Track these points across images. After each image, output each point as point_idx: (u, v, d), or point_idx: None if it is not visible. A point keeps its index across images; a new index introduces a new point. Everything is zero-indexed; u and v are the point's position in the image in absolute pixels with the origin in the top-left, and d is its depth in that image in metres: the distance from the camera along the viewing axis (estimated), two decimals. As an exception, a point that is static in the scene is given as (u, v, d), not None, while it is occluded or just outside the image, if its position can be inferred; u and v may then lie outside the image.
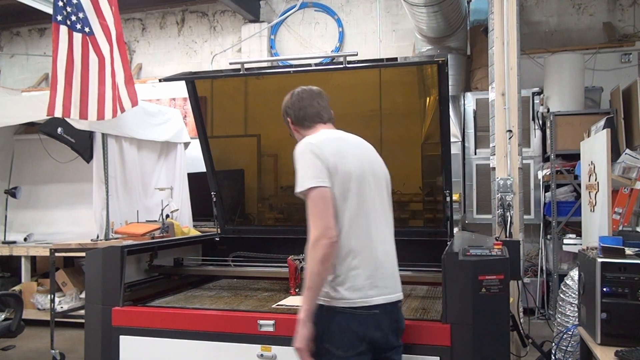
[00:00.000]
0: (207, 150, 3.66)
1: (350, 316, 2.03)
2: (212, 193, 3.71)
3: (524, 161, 4.59)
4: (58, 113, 4.85)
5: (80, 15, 4.93)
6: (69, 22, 4.87)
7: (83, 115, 4.97)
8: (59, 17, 4.84)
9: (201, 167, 3.83)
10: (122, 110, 5.21)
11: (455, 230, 5.85)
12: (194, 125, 3.68)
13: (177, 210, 6.09)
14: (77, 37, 4.94)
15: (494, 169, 4.07)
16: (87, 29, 4.97)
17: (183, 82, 3.42)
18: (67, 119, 5.19)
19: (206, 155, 3.66)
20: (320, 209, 2.03)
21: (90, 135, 5.60)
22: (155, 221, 5.62)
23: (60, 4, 4.84)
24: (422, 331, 2.33)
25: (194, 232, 5.74)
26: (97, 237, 5.50)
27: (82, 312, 3.38)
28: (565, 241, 5.61)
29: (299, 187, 2.11)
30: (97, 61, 5.02)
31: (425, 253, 3.15)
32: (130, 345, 2.72)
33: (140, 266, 3.28)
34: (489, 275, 2.26)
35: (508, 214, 3.87)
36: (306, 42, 8.02)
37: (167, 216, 5.63)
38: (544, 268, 6.09)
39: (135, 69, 8.73)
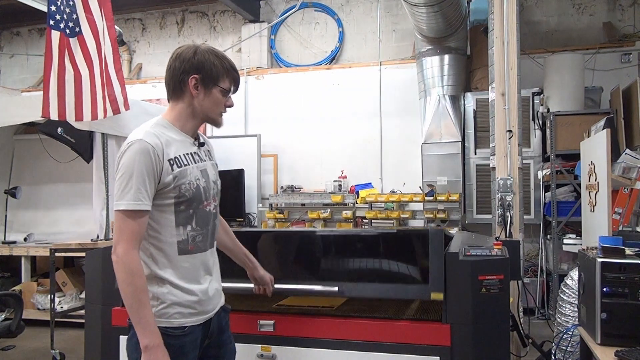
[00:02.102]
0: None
1: None
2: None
3: (524, 161, 4.59)
4: (54, 115, 4.89)
5: (74, 16, 4.94)
6: (62, 26, 4.89)
7: (79, 117, 5.00)
8: (52, 22, 4.86)
9: (201, 167, 3.83)
10: (118, 111, 5.21)
11: (455, 230, 5.86)
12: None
13: (177, 210, 6.09)
14: (72, 40, 4.95)
15: (494, 169, 4.07)
16: (77, 30, 4.98)
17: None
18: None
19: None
20: None
21: (90, 135, 5.61)
22: (155, 221, 5.61)
23: (54, 8, 4.85)
24: (422, 331, 2.33)
25: (194, 232, 5.74)
26: (97, 237, 5.51)
27: (82, 312, 3.39)
28: (565, 241, 5.61)
29: None
30: (88, 63, 5.02)
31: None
32: (130, 345, 2.72)
33: (140, 266, 3.28)
34: (489, 275, 2.26)
35: (508, 214, 3.87)
36: (306, 42, 8.02)
37: (167, 216, 5.63)
38: (544, 268, 6.09)
39: (135, 69, 8.73)
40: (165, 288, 1.82)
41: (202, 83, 1.87)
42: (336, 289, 2.44)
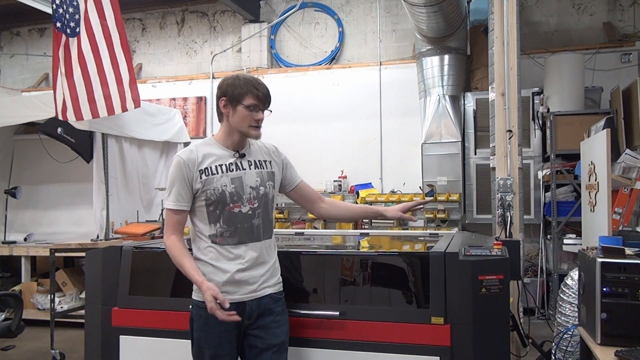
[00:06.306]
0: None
1: None
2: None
3: (524, 161, 4.59)
4: (71, 118, 4.91)
5: (77, 17, 4.95)
6: (68, 30, 4.89)
7: (94, 114, 5.01)
8: (58, 24, 4.86)
9: (201, 167, 3.82)
10: (126, 109, 5.22)
11: (455, 230, 5.86)
12: (194, 125, 3.68)
13: (177, 210, 6.08)
14: (73, 41, 4.96)
15: (494, 169, 4.07)
16: (77, 30, 4.98)
17: (183, 82, 3.42)
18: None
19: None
20: None
21: (90, 135, 5.60)
22: (155, 221, 5.62)
23: (61, 10, 4.85)
24: (422, 331, 2.33)
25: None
26: (97, 237, 5.50)
27: (82, 312, 3.38)
28: (565, 241, 5.61)
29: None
30: (97, 63, 5.03)
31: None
32: (130, 345, 2.72)
33: (140, 266, 3.27)
34: (489, 275, 2.26)
35: (508, 214, 3.87)
36: (306, 42, 8.02)
37: (167, 216, 5.62)
38: (544, 268, 6.09)
39: (135, 69, 8.73)
40: (200, 268, 2.24)
41: (230, 103, 2.24)
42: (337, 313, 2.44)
